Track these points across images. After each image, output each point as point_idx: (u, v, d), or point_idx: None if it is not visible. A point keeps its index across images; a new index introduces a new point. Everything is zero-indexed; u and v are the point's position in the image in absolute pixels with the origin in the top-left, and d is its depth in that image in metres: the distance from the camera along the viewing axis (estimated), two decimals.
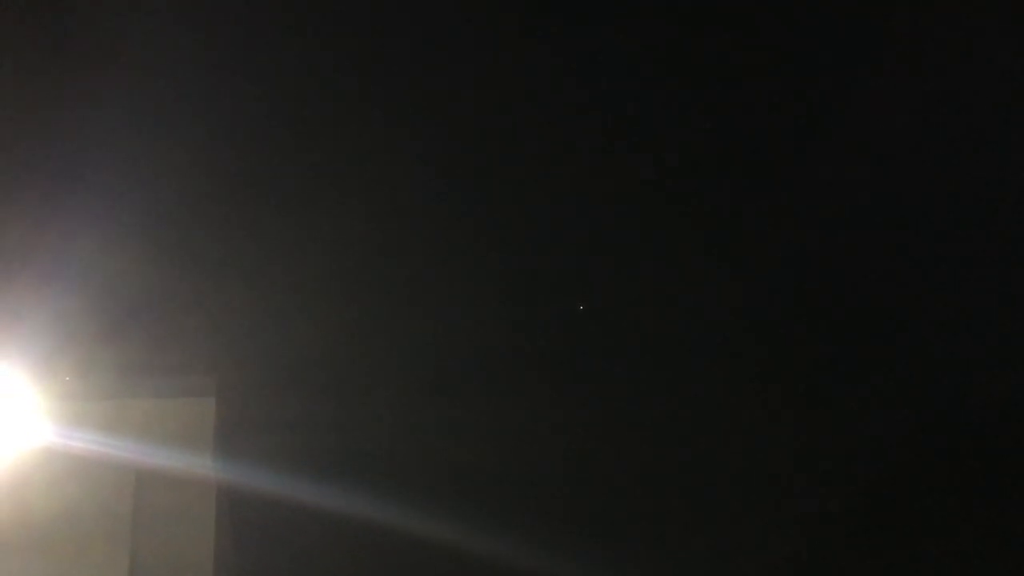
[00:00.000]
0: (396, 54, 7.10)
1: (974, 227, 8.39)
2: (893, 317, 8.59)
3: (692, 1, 7.69)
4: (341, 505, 7.65)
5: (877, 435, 8.55)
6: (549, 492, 7.65)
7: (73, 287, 7.59)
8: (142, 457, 8.98)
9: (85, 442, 8.53)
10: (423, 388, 7.45)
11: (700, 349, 8.29)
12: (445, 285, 7.44)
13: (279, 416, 8.12)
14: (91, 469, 8.56)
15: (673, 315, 8.31)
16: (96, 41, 6.39)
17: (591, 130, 7.78)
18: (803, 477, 8.66)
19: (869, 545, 8.47)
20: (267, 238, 7.44)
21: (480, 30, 7.42)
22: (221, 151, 6.85)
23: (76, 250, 7.38)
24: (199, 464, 9.18)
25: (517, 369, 7.47)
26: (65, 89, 6.41)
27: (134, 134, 6.55)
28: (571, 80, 7.62)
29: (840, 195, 8.47)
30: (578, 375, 7.74)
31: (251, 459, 7.89)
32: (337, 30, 6.91)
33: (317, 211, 7.23)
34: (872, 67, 8.10)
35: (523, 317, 7.58)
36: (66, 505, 8.30)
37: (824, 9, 8.03)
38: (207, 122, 6.74)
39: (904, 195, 8.29)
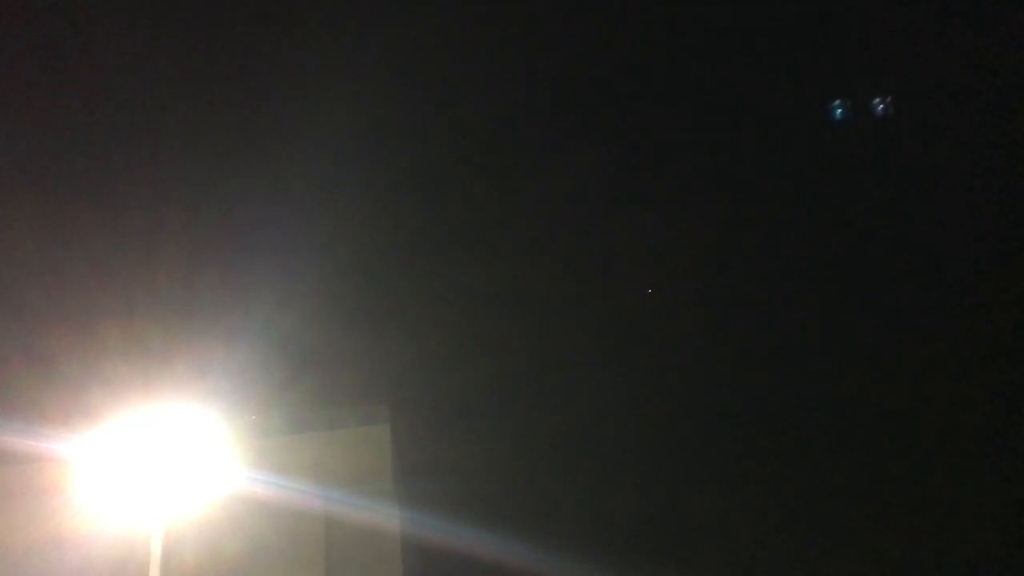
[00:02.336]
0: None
1: None
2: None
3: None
4: (516, 537, 7.79)
5: None
6: (710, 542, 7.53)
7: (257, 337, 8.02)
8: (329, 488, 9.42)
9: (274, 478, 9.02)
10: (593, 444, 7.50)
11: None
12: (616, 339, 7.47)
13: (452, 451, 8.33)
14: (282, 504, 9.05)
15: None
16: (276, 133, 6.81)
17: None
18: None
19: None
20: (431, 287, 7.69)
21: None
22: (384, 216, 7.15)
23: (260, 305, 7.81)
24: (381, 489, 9.53)
25: (692, 429, 7.42)
26: (244, 167, 6.82)
27: (307, 206, 6.92)
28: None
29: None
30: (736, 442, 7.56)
31: (429, 494, 8.14)
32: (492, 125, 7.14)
33: (484, 264, 7.41)
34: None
35: (693, 384, 7.51)
36: (262, 540, 8.81)
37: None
38: (373, 188, 7.04)
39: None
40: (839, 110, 9.21)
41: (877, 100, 9.05)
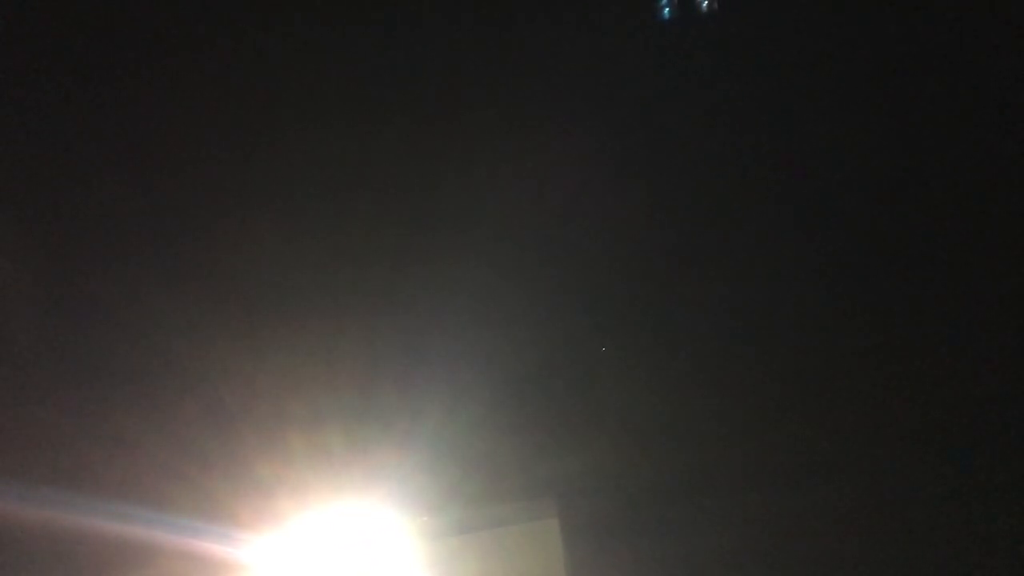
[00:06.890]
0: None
1: None
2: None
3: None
4: None
5: None
6: None
7: (429, 441, 8.50)
8: None
9: None
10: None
11: None
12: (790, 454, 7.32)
13: (622, 549, 8.37)
14: None
15: None
16: (432, 243, 7.37)
17: None
18: None
19: None
20: (597, 392, 7.90)
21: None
22: (550, 326, 7.49)
23: (429, 412, 8.29)
24: None
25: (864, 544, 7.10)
26: (417, 282, 7.43)
27: (475, 319, 7.41)
28: None
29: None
30: None
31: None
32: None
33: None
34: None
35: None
36: None
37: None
38: (538, 303, 7.42)
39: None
40: (666, 8, 8.52)
41: None
